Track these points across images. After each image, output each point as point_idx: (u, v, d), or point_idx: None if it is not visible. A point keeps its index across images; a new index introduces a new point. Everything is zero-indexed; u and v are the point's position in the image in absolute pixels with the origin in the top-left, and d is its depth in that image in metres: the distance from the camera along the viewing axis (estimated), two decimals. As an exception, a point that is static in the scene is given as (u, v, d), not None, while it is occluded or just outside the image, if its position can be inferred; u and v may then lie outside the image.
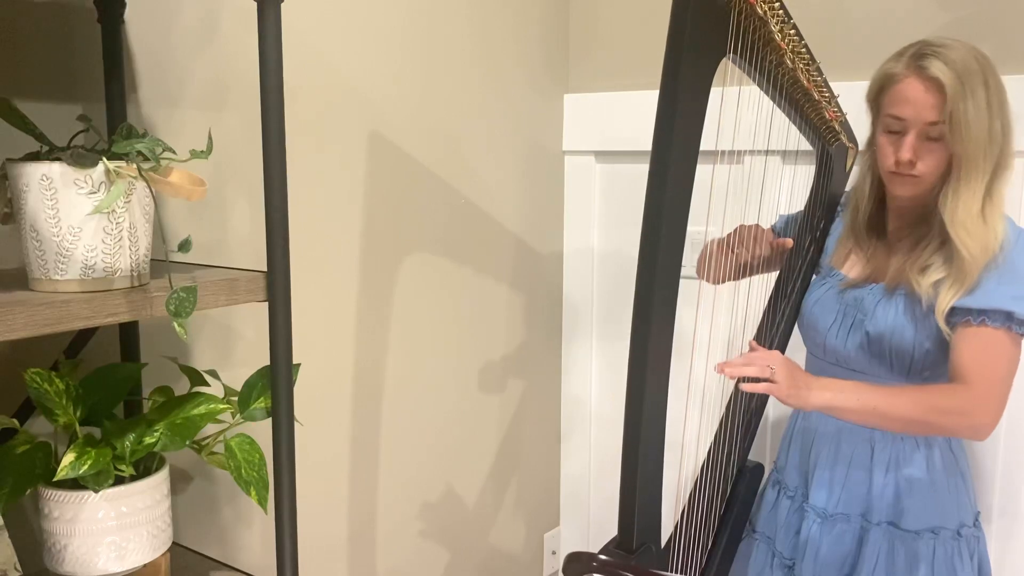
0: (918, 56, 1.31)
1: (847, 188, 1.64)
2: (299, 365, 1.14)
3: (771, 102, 1.35)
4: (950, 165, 1.32)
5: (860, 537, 1.45)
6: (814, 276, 1.57)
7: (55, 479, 1.00)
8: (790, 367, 1.32)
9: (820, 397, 1.31)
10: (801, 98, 1.37)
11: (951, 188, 1.32)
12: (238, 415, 1.16)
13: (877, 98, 1.38)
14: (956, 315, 1.32)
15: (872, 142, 1.43)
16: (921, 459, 1.42)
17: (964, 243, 1.30)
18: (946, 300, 1.32)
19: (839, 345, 1.44)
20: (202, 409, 1.13)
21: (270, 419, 1.09)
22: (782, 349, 1.51)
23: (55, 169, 0.91)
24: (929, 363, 1.37)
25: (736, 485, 1.49)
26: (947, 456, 1.44)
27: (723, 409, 1.51)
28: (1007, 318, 1.30)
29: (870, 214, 1.48)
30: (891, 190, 1.41)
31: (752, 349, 1.37)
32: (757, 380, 1.29)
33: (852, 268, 1.49)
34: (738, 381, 1.32)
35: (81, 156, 0.91)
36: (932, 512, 1.42)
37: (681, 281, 1.01)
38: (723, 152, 1.17)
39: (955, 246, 1.31)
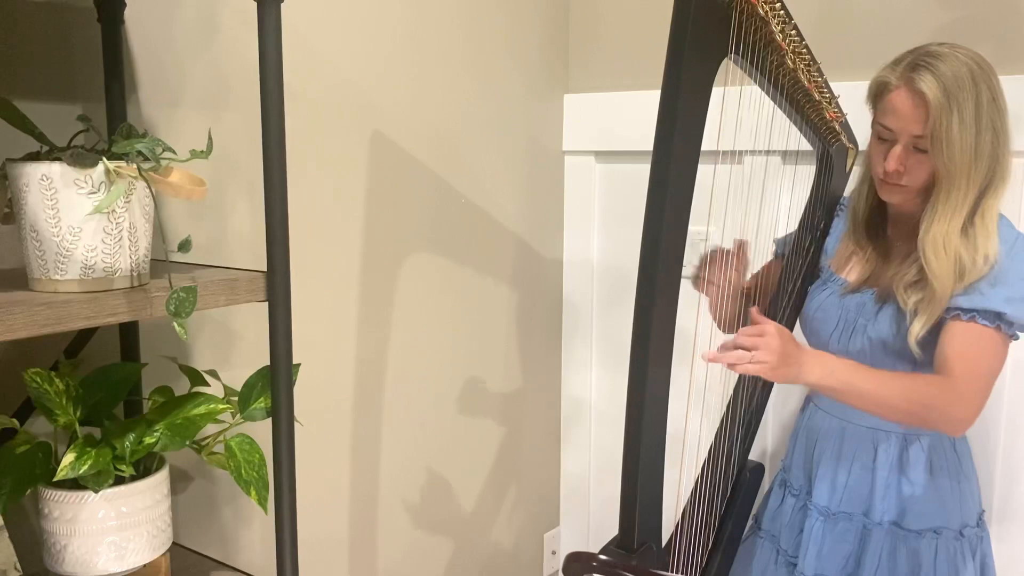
0: (911, 66, 1.30)
1: (847, 189, 1.64)
2: (299, 365, 1.14)
3: (772, 102, 1.35)
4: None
5: (862, 536, 1.45)
6: (816, 281, 1.57)
7: (55, 479, 1.00)
8: (783, 343, 1.25)
9: (810, 374, 1.28)
10: (802, 98, 1.37)
11: (931, 204, 1.32)
12: (238, 415, 1.16)
13: (873, 102, 1.39)
14: (946, 310, 1.32)
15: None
16: (924, 459, 1.42)
17: (928, 263, 1.30)
18: (916, 328, 1.32)
19: (841, 351, 1.44)
20: (202, 409, 1.13)
21: (270, 419, 1.09)
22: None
23: (55, 169, 0.91)
24: (930, 362, 1.37)
25: (737, 484, 1.49)
26: (950, 457, 1.44)
27: (724, 409, 1.51)
28: (997, 317, 1.30)
29: (869, 216, 1.48)
30: (881, 196, 1.41)
31: (754, 321, 1.29)
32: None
33: (852, 272, 1.49)
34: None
35: (81, 156, 0.91)
36: (934, 512, 1.42)
37: (682, 281, 1.01)
38: (724, 152, 1.17)
39: (923, 265, 1.31)
